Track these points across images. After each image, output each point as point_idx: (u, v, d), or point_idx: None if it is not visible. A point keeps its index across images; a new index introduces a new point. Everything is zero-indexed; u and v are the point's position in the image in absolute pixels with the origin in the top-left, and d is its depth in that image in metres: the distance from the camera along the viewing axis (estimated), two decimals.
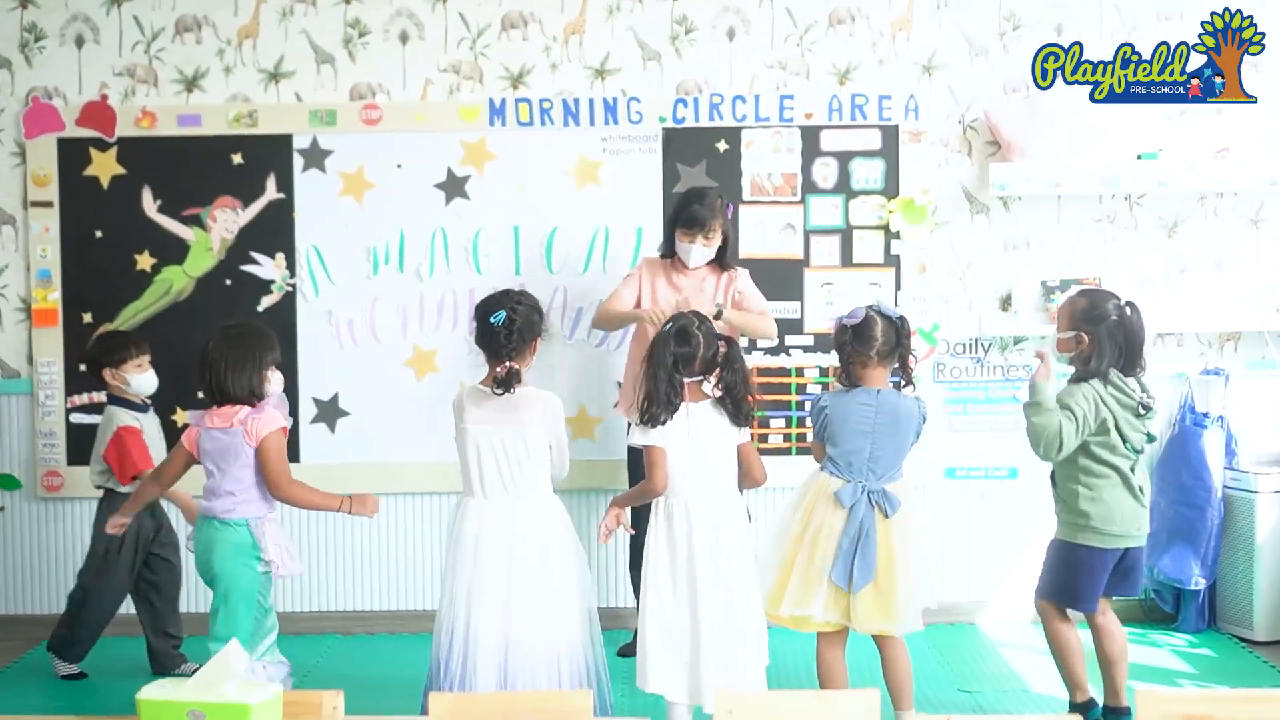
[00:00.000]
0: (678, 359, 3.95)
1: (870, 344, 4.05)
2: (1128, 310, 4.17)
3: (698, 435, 3.95)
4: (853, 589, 3.94)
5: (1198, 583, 5.29)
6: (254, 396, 3.97)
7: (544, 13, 5.48)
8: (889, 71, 5.48)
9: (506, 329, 3.97)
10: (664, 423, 3.92)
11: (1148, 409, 4.13)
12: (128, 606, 4.95)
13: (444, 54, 5.48)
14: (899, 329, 4.08)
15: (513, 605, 3.90)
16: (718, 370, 3.98)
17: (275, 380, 4.08)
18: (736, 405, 3.96)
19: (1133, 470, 4.13)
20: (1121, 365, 4.14)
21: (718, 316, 4.69)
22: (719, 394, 3.97)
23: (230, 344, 3.99)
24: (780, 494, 5.48)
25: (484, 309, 4.06)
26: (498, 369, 3.97)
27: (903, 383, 4.13)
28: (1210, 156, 5.37)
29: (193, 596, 5.17)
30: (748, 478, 4.09)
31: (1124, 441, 4.11)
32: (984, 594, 5.54)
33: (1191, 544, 5.28)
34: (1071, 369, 4.24)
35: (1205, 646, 5.23)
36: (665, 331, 4.02)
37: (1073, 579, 4.20)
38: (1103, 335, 4.13)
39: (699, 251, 4.86)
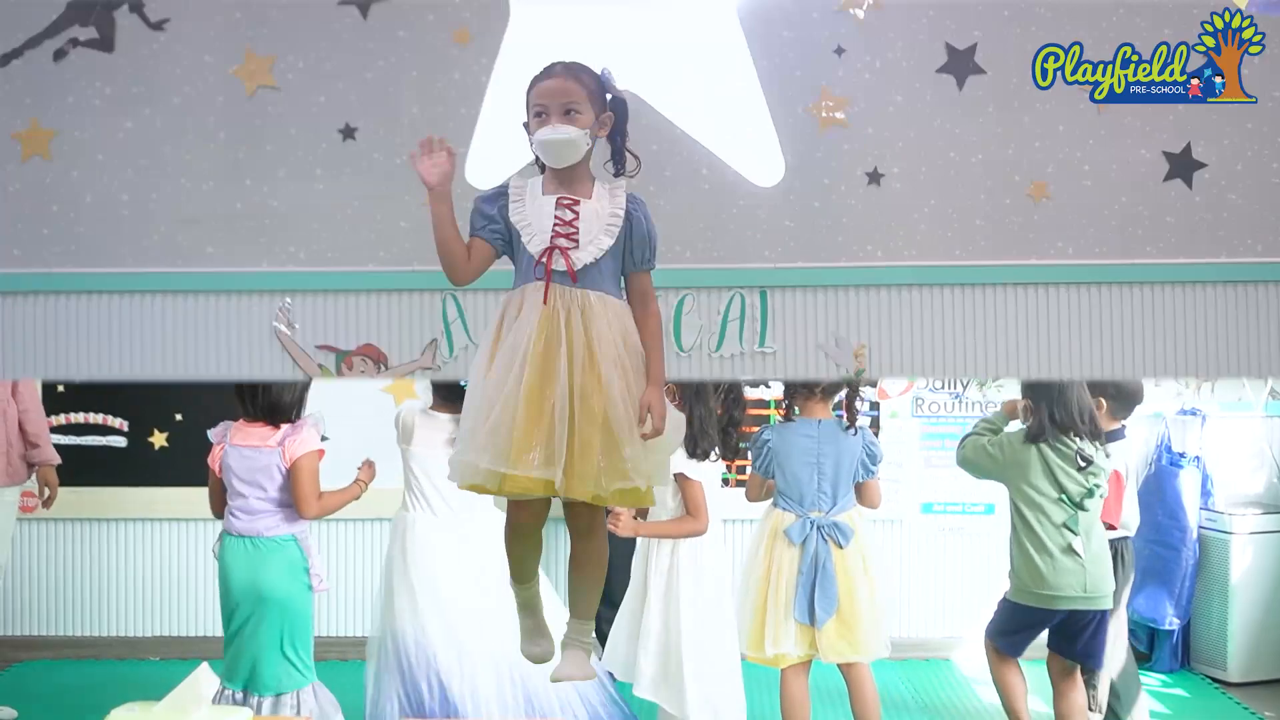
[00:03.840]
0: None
1: (816, 380, 4.06)
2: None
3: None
4: (816, 623, 3.96)
5: (1172, 623, 5.30)
6: (298, 412, 3.90)
7: None
8: None
9: None
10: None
11: (1088, 461, 4.08)
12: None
13: None
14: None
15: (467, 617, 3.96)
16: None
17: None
18: (695, 436, 3.88)
19: (1071, 529, 4.06)
20: (1063, 427, 4.10)
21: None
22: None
23: None
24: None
25: None
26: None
27: (845, 423, 4.15)
28: None
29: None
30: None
31: (1062, 492, 4.08)
32: (959, 629, 5.54)
33: (1166, 584, 5.30)
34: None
35: (1178, 687, 5.24)
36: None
37: (1001, 625, 4.25)
38: (1037, 399, 4.13)
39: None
